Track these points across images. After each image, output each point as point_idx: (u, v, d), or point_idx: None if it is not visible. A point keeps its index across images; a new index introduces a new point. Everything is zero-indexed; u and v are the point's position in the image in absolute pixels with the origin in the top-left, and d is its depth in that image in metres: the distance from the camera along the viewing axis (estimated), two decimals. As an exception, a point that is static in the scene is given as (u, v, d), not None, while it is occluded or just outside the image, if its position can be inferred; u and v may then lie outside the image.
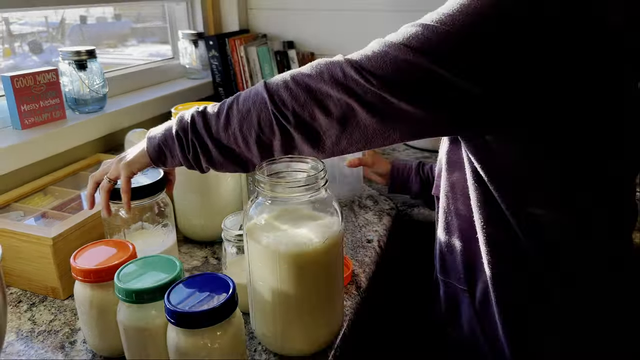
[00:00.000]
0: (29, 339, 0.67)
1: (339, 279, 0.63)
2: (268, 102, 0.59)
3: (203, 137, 0.63)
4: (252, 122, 0.60)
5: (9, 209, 0.84)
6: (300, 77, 0.59)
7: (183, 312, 0.50)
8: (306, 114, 0.58)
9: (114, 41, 1.51)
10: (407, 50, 0.54)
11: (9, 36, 1.33)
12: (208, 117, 0.63)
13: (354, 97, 0.56)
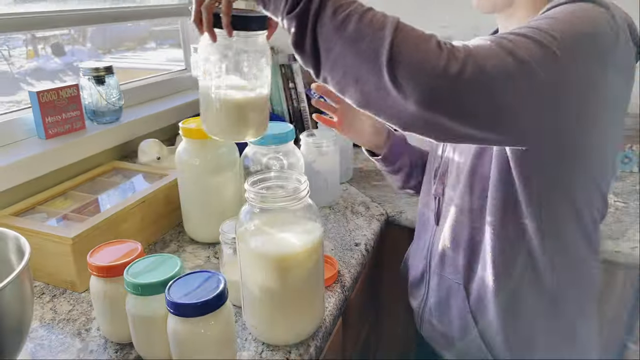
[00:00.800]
0: (51, 326, 0.76)
1: (319, 278, 0.71)
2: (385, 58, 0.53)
3: (309, 17, 0.57)
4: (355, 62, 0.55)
5: (34, 211, 0.94)
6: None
7: (180, 304, 0.59)
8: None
9: (133, 43, 1.54)
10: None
11: (33, 38, 1.40)
12: (326, 7, 0.57)
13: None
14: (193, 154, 0.93)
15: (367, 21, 0.55)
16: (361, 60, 0.55)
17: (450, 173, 0.81)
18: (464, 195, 0.77)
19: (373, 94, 0.56)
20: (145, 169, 1.12)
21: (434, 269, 0.85)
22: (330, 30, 0.56)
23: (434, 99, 0.53)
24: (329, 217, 1.09)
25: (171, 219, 1.04)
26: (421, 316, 0.90)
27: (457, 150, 0.80)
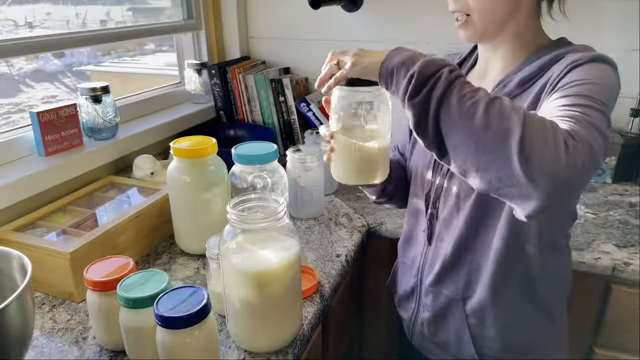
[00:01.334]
0: (51, 334, 0.83)
1: (296, 290, 0.78)
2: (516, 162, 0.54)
3: (432, 102, 0.59)
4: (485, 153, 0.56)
5: (35, 226, 1.00)
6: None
7: (167, 317, 0.65)
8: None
9: (132, 45, 1.58)
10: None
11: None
12: (454, 88, 0.58)
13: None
14: (183, 172, 0.99)
15: (495, 111, 0.55)
16: (488, 150, 0.55)
17: (446, 199, 0.84)
18: (468, 223, 0.81)
19: (498, 183, 0.56)
20: (139, 183, 1.18)
21: (429, 287, 0.90)
22: (455, 118, 0.57)
23: (564, 191, 0.55)
24: (313, 228, 1.16)
25: (163, 231, 1.10)
26: (413, 328, 0.96)
27: (457, 181, 0.82)
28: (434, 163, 0.87)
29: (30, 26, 1.30)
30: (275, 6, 1.71)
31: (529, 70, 0.75)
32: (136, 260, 1.03)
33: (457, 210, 0.83)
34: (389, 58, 0.66)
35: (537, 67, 0.75)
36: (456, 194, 0.83)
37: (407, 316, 0.97)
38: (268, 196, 0.76)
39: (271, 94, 1.59)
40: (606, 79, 0.67)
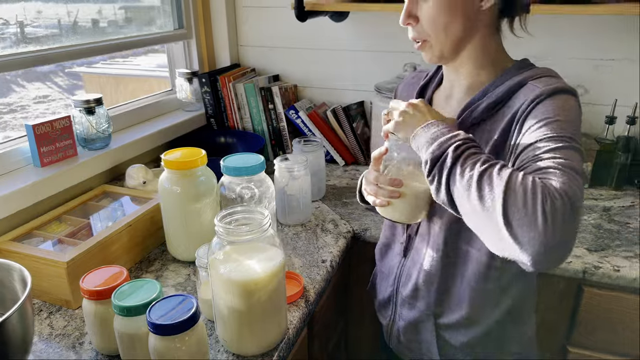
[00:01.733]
0: (49, 340, 0.87)
1: (281, 297, 0.82)
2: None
3: (442, 182, 0.69)
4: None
5: (32, 235, 1.04)
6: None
7: (159, 324, 0.70)
8: None
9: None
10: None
11: (24, 39, 1.37)
12: (457, 167, 0.67)
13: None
14: (174, 183, 1.04)
15: (485, 184, 0.63)
16: (481, 217, 0.64)
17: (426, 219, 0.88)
18: (445, 240, 0.85)
19: (496, 244, 0.64)
20: (132, 192, 1.22)
21: (405, 298, 0.94)
22: (459, 193, 0.67)
23: (553, 247, 0.60)
24: (300, 234, 1.21)
25: (156, 238, 1.14)
26: (390, 333, 1.01)
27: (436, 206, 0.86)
28: None
29: (21, 25, 1.31)
30: (265, 15, 1.76)
31: (495, 97, 0.79)
32: (129, 267, 1.07)
33: (435, 227, 0.87)
34: (416, 136, 0.75)
35: (502, 93, 0.78)
36: (435, 212, 0.86)
37: (385, 322, 1.02)
38: (253, 209, 0.81)
39: (261, 101, 1.64)
40: (571, 113, 0.72)
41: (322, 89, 1.79)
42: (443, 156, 0.69)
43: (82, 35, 1.41)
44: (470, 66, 0.84)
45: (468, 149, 0.69)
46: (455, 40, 0.80)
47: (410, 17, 0.81)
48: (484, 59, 0.83)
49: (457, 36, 0.80)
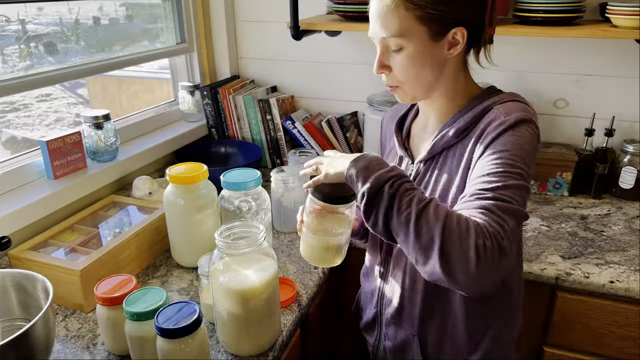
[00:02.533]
0: (65, 341, 0.96)
1: (275, 302, 0.91)
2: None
3: (380, 215, 0.74)
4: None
5: (47, 244, 1.13)
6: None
7: (165, 328, 0.79)
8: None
9: (127, 42, 1.59)
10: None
11: (25, 37, 1.38)
12: (395, 202, 0.73)
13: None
14: (178, 196, 1.12)
15: (423, 222, 0.69)
16: (421, 252, 0.70)
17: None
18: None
19: (428, 273, 0.71)
20: (139, 202, 1.31)
21: (389, 319, 0.98)
22: (396, 226, 0.73)
23: (484, 280, 0.68)
24: (295, 242, 1.29)
25: (161, 246, 1.23)
26: (376, 353, 1.06)
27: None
28: None
29: (22, 23, 1.35)
30: (263, 30, 1.84)
31: (464, 122, 0.85)
32: (137, 273, 1.16)
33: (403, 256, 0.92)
34: (349, 169, 0.80)
35: (470, 118, 0.85)
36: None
37: (372, 341, 1.07)
38: (250, 224, 0.90)
39: (259, 112, 1.72)
40: (527, 144, 0.78)
41: (318, 99, 1.87)
42: (380, 192, 0.74)
43: (84, 32, 1.43)
44: (442, 99, 0.91)
45: (403, 184, 0.74)
46: (426, 84, 0.87)
47: (383, 67, 0.88)
48: (454, 92, 0.90)
49: (427, 81, 0.87)
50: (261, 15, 1.82)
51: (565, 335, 1.21)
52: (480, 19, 0.85)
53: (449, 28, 0.82)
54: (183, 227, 1.15)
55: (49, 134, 1.29)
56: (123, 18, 1.62)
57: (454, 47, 0.84)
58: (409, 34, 0.82)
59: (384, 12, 0.83)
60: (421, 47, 0.83)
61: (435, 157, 0.90)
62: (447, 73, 0.87)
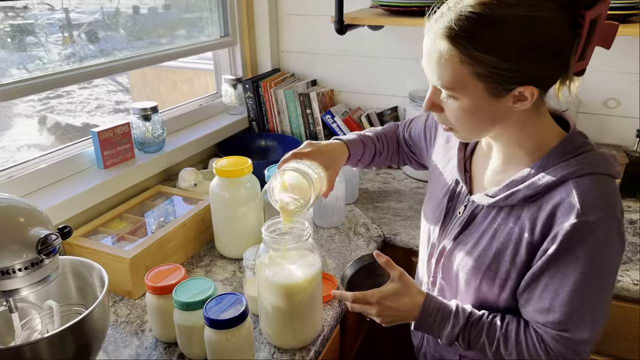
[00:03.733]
0: (115, 326, 1.00)
1: (318, 298, 0.93)
2: None
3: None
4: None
5: (97, 232, 1.18)
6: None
7: (214, 319, 0.81)
8: None
9: (164, 30, 1.61)
10: None
11: (68, 25, 1.42)
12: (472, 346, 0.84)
13: None
14: (223, 188, 1.15)
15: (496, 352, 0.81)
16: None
17: (449, 263, 0.90)
18: (469, 290, 0.87)
19: None
20: (184, 193, 1.35)
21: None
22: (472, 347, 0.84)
23: None
24: (334, 237, 1.30)
25: (205, 236, 1.26)
26: (419, 353, 1.06)
27: (461, 251, 0.87)
28: (442, 224, 0.93)
29: (66, 11, 1.38)
30: (305, 23, 1.84)
31: (533, 189, 0.76)
32: (181, 262, 1.20)
33: (457, 278, 0.89)
34: (416, 328, 0.89)
35: (541, 188, 0.75)
36: (457, 264, 0.88)
37: (415, 342, 1.07)
38: (296, 219, 0.91)
39: (299, 106, 1.73)
40: (607, 255, 0.73)
41: (358, 93, 1.87)
42: (454, 344, 0.85)
43: (124, 21, 1.46)
44: (507, 137, 0.81)
45: (470, 334, 0.83)
46: (485, 132, 0.80)
47: (434, 107, 0.79)
48: (523, 137, 0.79)
49: (486, 130, 0.80)
50: (304, 9, 1.83)
51: (615, 345, 1.18)
52: (561, 68, 0.72)
53: (514, 87, 0.71)
54: (227, 219, 1.17)
55: (90, 120, 1.33)
56: (161, 8, 1.64)
57: (520, 102, 0.73)
58: (464, 89, 0.73)
59: (435, 58, 0.73)
60: (477, 102, 0.73)
61: (495, 209, 0.83)
62: (513, 120, 0.77)
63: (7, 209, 0.72)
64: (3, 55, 1.14)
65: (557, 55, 0.71)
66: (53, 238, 0.71)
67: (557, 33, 0.69)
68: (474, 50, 0.69)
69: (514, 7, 0.68)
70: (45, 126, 4.18)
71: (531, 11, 0.67)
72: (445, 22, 0.71)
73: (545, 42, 0.69)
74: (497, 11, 0.68)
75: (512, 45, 0.68)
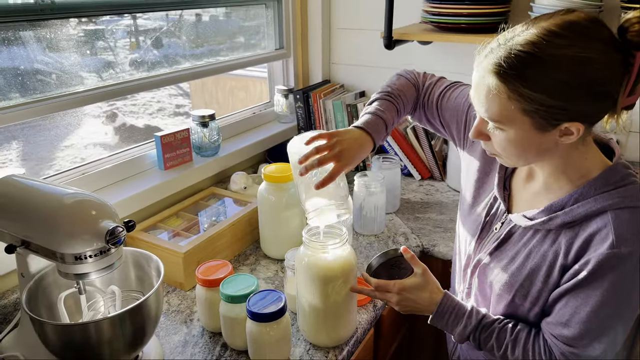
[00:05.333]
0: (167, 314, 1.10)
1: (353, 299, 0.98)
2: None
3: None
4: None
5: (155, 227, 1.29)
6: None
7: (256, 312, 0.89)
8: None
9: (224, 38, 1.69)
10: None
11: (136, 31, 1.54)
12: (481, 341, 0.89)
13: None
14: (270, 193, 1.23)
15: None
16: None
17: (483, 276, 0.93)
18: (501, 304, 0.90)
19: None
20: (234, 195, 1.44)
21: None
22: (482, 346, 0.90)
23: None
24: (373, 244, 1.35)
25: (252, 236, 1.35)
26: (453, 352, 1.10)
27: (497, 267, 0.90)
28: (478, 237, 0.96)
29: (134, 18, 1.47)
30: (356, 37, 1.91)
31: (572, 215, 0.78)
32: (229, 259, 1.28)
33: (491, 291, 0.92)
34: (432, 323, 0.95)
35: (580, 216, 0.77)
36: (491, 278, 0.91)
37: (450, 347, 1.11)
38: (334, 225, 0.97)
39: (346, 117, 1.80)
40: (630, 296, 0.76)
41: (405, 106, 1.90)
42: (466, 341, 0.90)
43: (187, 29, 1.54)
44: (549, 170, 0.84)
45: (482, 335, 0.88)
46: (526, 162, 0.83)
47: (480, 135, 0.82)
48: (565, 166, 0.81)
49: (527, 161, 0.82)
50: (355, 23, 1.89)
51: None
52: (610, 105, 0.74)
53: (560, 123, 0.73)
54: (272, 221, 1.25)
55: (151, 122, 1.43)
56: (222, 16, 1.72)
57: (566, 136, 0.75)
58: (510, 123, 0.75)
59: (484, 92, 0.75)
60: (523, 135, 0.76)
61: (532, 230, 0.86)
62: (559, 153, 0.79)
63: (82, 202, 0.83)
64: (77, 59, 1.25)
65: (606, 94, 0.73)
66: (119, 230, 0.81)
67: (607, 73, 0.71)
68: (521, 88, 0.71)
69: (562, 48, 0.70)
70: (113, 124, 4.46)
71: (581, 52, 0.69)
72: (495, 58, 0.73)
73: (593, 82, 0.70)
74: (546, 51, 0.70)
75: (560, 85, 0.70)
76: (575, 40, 0.70)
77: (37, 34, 1.14)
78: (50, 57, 1.19)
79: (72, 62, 1.23)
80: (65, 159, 4.14)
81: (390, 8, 1.50)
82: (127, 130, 4.56)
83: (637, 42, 0.70)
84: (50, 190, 0.85)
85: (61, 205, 0.81)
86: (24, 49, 1.13)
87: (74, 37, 1.24)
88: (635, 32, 0.70)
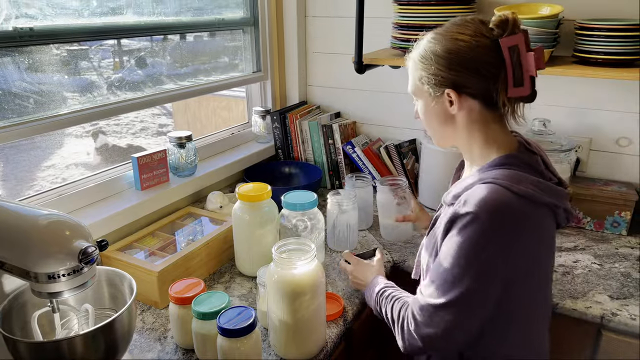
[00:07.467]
0: (141, 332, 1.12)
1: (320, 312, 1.02)
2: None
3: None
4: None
5: (131, 247, 1.31)
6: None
7: (225, 328, 0.91)
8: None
9: (208, 58, 1.73)
10: None
11: (120, 51, 1.56)
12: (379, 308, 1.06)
13: None
14: (244, 212, 1.27)
15: (389, 317, 1.01)
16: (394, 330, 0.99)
17: (420, 256, 1.09)
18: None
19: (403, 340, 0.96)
20: (211, 214, 1.47)
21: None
22: (382, 316, 1.05)
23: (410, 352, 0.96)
24: (346, 261, 1.39)
25: (227, 254, 1.38)
26: None
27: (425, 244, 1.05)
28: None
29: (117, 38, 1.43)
30: (331, 60, 1.98)
31: (457, 189, 0.93)
32: (204, 278, 1.31)
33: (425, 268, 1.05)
34: (366, 293, 1.14)
35: (463, 188, 0.91)
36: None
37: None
38: (303, 241, 1.01)
39: (322, 137, 1.85)
40: (480, 249, 0.84)
41: (379, 126, 1.97)
42: (372, 305, 1.11)
43: (171, 49, 1.58)
44: (465, 154, 1.01)
45: (382, 299, 1.05)
46: (438, 135, 1.01)
47: (416, 113, 1.03)
48: (472, 150, 0.96)
49: (440, 133, 1.00)
50: (330, 48, 1.96)
51: (611, 377, 1.21)
52: (488, 84, 0.88)
53: (442, 90, 0.92)
54: (246, 240, 1.29)
55: (134, 142, 1.46)
56: (206, 36, 1.76)
57: (453, 106, 0.93)
58: (419, 93, 0.98)
59: (409, 68, 1.00)
60: (425, 103, 0.98)
61: (441, 209, 1.01)
62: (462, 129, 0.95)
63: (56, 223, 0.85)
64: (60, 79, 1.28)
65: (477, 70, 0.88)
66: (92, 249, 0.84)
67: (477, 52, 0.88)
68: (419, 61, 0.95)
69: (448, 32, 0.92)
70: (96, 142, 4.48)
71: (456, 35, 0.90)
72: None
73: (464, 57, 0.89)
74: (437, 33, 0.93)
75: (440, 56, 0.91)
76: (456, 27, 0.91)
77: (17, 58, 1.18)
78: (32, 78, 1.22)
79: (54, 81, 1.26)
80: (45, 179, 4.12)
81: (360, 35, 1.57)
82: (109, 150, 4.57)
83: (496, 30, 0.87)
84: (25, 211, 0.88)
85: (35, 225, 0.84)
86: (4, 70, 1.16)
87: (56, 58, 1.27)
88: (495, 21, 0.88)
